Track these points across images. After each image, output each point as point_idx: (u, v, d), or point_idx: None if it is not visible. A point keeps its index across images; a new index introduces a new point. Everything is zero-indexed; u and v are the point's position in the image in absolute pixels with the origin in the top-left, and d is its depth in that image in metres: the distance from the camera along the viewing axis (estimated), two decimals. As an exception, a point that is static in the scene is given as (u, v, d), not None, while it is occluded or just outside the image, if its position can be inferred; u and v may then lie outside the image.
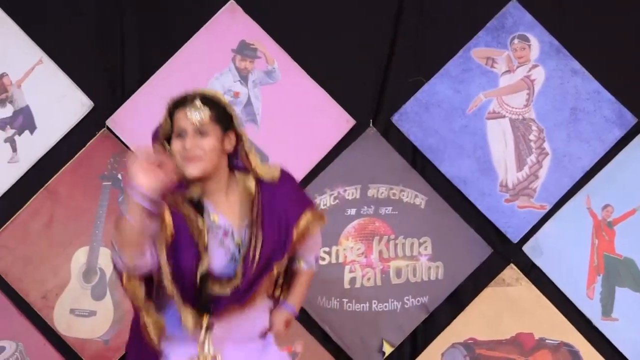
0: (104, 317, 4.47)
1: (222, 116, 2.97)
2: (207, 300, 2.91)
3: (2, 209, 4.50)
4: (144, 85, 4.52)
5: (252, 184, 3.02)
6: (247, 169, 3.05)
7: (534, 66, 4.53)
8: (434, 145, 4.52)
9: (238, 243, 2.98)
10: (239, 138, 3.02)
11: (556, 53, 4.53)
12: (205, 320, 2.94)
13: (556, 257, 4.49)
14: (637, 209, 4.49)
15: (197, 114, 2.91)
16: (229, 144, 2.99)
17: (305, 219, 3.04)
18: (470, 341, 4.49)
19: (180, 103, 2.96)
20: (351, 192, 4.49)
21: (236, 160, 3.05)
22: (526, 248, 4.51)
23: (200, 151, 2.90)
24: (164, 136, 2.98)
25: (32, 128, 4.52)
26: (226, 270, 2.95)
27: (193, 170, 2.91)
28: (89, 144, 4.52)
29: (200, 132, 2.91)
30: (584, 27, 4.56)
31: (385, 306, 4.47)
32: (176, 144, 2.93)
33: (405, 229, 4.51)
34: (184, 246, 2.90)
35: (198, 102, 2.92)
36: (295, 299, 3.22)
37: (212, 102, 2.95)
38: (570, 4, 4.55)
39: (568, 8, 4.56)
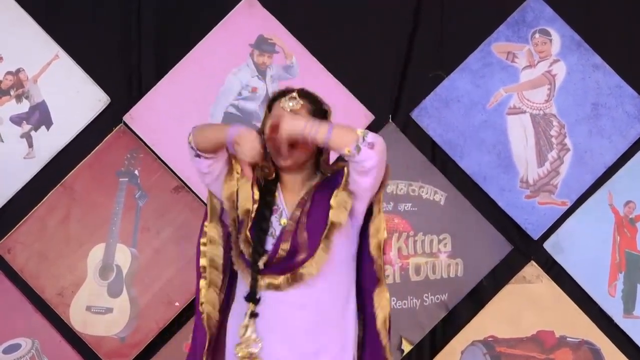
0: (121, 314, 4.46)
1: (318, 112, 3.06)
2: (253, 271, 3.00)
3: (18, 205, 4.49)
4: (161, 81, 4.50)
5: (315, 180, 3.08)
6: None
7: (555, 61, 4.50)
8: (453, 141, 4.49)
9: (283, 223, 3.02)
10: None
11: (577, 48, 4.50)
12: (250, 307, 2.99)
13: (577, 254, 4.46)
14: (659, 205, 4.47)
15: (291, 103, 3.03)
16: None
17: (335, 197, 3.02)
18: (490, 339, 4.46)
19: (278, 95, 3.09)
20: (370, 188, 4.46)
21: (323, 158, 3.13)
22: (547, 245, 4.48)
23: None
24: (262, 130, 3.07)
25: (48, 124, 4.50)
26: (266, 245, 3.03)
27: (285, 162, 3.02)
28: (105, 139, 4.50)
29: None
30: (606, 22, 4.53)
31: (405, 304, 4.44)
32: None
33: (424, 226, 4.49)
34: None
35: (295, 94, 3.05)
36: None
37: (309, 97, 3.07)
38: (592, -2, 4.54)
39: (589, 2, 4.54)
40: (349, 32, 4.54)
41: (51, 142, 4.49)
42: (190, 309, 4.43)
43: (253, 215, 3.03)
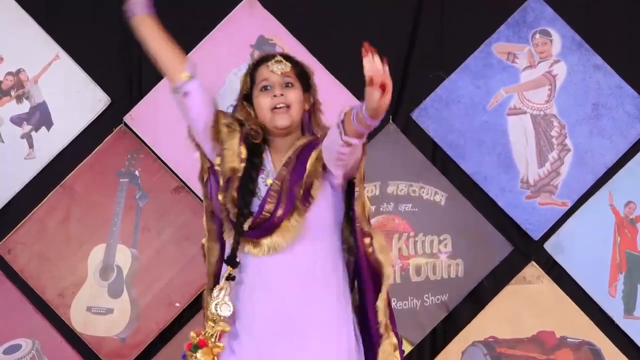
0: (121, 314, 4.46)
1: (303, 73, 3.13)
2: (237, 234, 2.98)
3: (18, 206, 4.49)
4: (161, 81, 4.47)
5: (303, 140, 3.08)
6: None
7: (556, 61, 4.50)
8: (454, 142, 4.49)
9: (268, 183, 3.02)
10: (314, 103, 3.14)
11: (578, 48, 4.49)
12: (228, 270, 2.98)
13: (578, 255, 4.46)
14: (660, 206, 4.47)
15: (281, 66, 3.08)
16: (307, 103, 3.12)
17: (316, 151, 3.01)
18: (490, 339, 4.45)
19: (261, 61, 3.13)
20: (370, 189, 4.45)
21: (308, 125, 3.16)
22: (547, 245, 4.47)
23: (289, 100, 3.04)
24: (242, 95, 3.14)
25: (48, 124, 4.50)
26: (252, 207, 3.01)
27: (283, 121, 3.04)
28: (106, 140, 4.50)
29: (286, 83, 3.07)
30: (606, 22, 4.53)
31: (405, 304, 4.44)
32: (263, 98, 3.06)
33: (425, 226, 4.48)
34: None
35: (280, 57, 3.10)
36: None
37: (292, 60, 3.12)
38: (592, -2, 4.53)
39: (590, 2, 4.53)
40: (349, 32, 4.52)
41: (51, 142, 4.48)
42: (191, 310, 4.43)
43: (240, 174, 3.02)
